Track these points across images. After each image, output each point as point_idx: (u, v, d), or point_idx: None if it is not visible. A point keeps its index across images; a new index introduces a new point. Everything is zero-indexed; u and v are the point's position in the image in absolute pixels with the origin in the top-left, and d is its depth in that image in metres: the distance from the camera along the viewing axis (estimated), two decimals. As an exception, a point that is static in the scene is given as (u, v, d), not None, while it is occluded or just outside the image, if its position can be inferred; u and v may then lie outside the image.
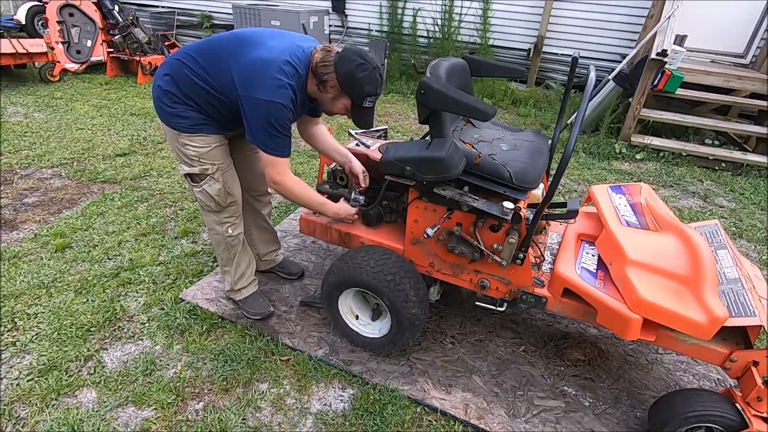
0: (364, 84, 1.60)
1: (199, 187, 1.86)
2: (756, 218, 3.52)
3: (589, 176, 4.06)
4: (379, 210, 2.03)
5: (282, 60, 1.58)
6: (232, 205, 1.95)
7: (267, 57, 1.58)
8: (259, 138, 1.64)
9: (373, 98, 1.66)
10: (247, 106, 1.60)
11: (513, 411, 1.80)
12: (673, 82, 4.38)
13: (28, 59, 5.48)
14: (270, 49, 1.61)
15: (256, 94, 1.56)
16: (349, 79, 1.59)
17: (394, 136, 4.67)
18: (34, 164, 3.57)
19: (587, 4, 5.64)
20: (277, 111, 1.58)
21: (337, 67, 1.60)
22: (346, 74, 1.59)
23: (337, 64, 1.60)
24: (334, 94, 1.67)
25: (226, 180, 1.87)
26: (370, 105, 1.67)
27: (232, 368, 1.91)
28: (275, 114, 1.59)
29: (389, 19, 6.60)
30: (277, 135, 1.63)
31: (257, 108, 1.58)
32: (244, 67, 1.58)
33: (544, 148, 1.91)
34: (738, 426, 1.46)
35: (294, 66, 1.61)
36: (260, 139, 1.64)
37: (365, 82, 1.60)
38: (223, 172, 1.86)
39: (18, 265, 2.44)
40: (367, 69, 1.59)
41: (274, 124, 1.60)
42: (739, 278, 1.56)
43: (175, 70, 1.68)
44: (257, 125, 1.61)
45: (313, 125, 2.02)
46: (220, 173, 1.85)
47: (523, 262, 1.66)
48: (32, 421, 1.65)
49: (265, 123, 1.60)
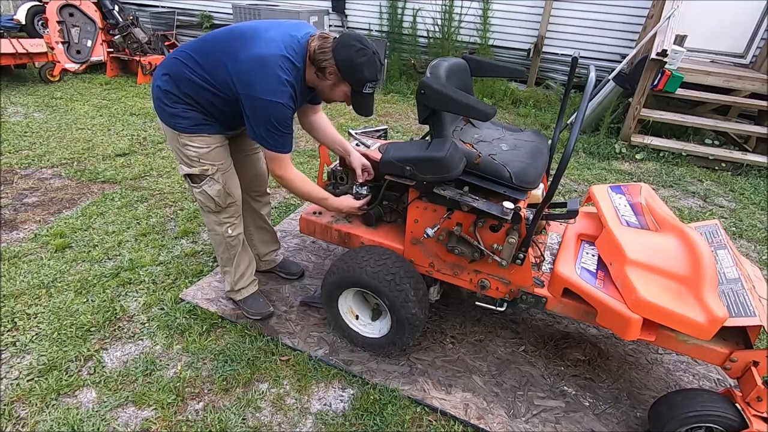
0: (364, 69, 1.57)
1: (199, 188, 1.85)
2: (756, 218, 3.52)
3: (589, 176, 4.06)
4: (379, 210, 2.03)
5: (278, 55, 1.56)
6: (231, 206, 1.95)
7: (263, 54, 1.56)
8: (261, 136, 1.64)
9: (373, 84, 1.64)
10: (248, 105, 1.60)
11: (513, 411, 1.80)
12: (673, 82, 4.38)
13: (28, 59, 5.47)
14: (265, 44, 1.58)
15: (255, 93, 1.55)
16: (349, 64, 1.57)
17: (394, 136, 4.67)
18: (34, 164, 3.57)
19: (587, 4, 5.64)
20: (277, 110, 1.58)
21: (335, 53, 1.57)
22: (346, 60, 1.56)
23: (336, 50, 1.57)
24: (334, 81, 1.64)
25: (226, 181, 1.87)
26: (370, 91, 1.65)
27: (232, 368, 1.91)
28: (276, 113, 1.58)
29: (389, 19, 6.59)
30: (279, 133, 1.63)
31: (258, 107, 1.58)
32: (242, 66, 1.57)
33: (544, 148, 1.91)
34: (738, 426, 1.46)
35: (291, 60, 1.59)
36: (262, 136, 1.64)
37: (365, 67, 1.57)
38: (223, 172, 1.86)
39: (18, 265, 2.44)
40: (366, 54, 1.56)
41: (275, 123, 1.60)
42: (739, 278, 1.56)
43: (174, 69, 1.68)
44: (258, 124, 1.61)
45: (313, 113, 2.00)
46: (220, 174, 1.85)
47: (523, 262, 1.66)
48: (32, 421, 1.65)
49: (266, 122, 1.60)
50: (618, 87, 4.74)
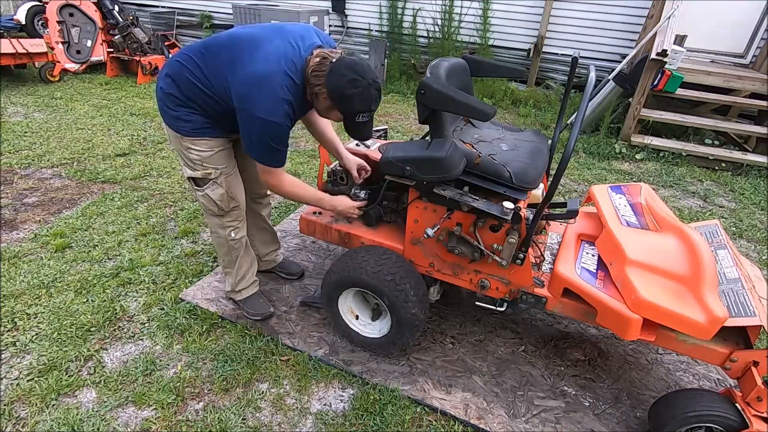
0: (355, 101, 1.52)
1: (202, 191, 1.84)
2: (756, 218, 3.52)
3: (589, 176, 4.06)
4: (379, 210, 2.03)
5: (278, 72, 1.52)
6: (235, 210, 1.94)
7: (261, 71, 1.51)
8: (255, 152, 1.63)
9: (367, 114, 1.58)
10: (244, 121, 1.57)
11: (513, 411, 1.80)
12: (673, 82, 4.38)
13: (28, 59, 5.48)
14: (264, 59, 1.53)
15: (252, 110, 1.52)
16: (340, 95, 1.52)
17: (394, 136, 4.67)
18: (34, 164, 3.57)
19: (587, 4, 5.64)
20: (273, 129, 1.55)
21: (328, 79, 1.52)
22: (337, 89, 1.51)
23: (328, 77, 1.52)
24: (327, 105, 1.61)
25: (229, 185, 1.86)
26: (365, 119, 1.60)
27: (232, 368, 1.91)
28: (271, 132, 1.56)
29: (389, 19, 6.59)
30: (273, 150, 1.61)
31: (254, 124, 1.55)
32: (240, 81, 1.53)
33: (544, 148, 1.91)
34: (738, 426, 1.46)
35: (290, 77, 1.54)
36: (256, 152, 1.63)
37: (357, 99, 1.52)
38: (227, 176, 1.85)
39: (18, 265, 2.44)
40: (360, 86, 1.50)
41: (270, 141, 1.58)
42: (739, 278, 1.56)
43: (176, 72, 1.67)
44: (253, 140, 1.59)
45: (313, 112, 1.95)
46: (224, 177, 1.84)
47: (523, 262, 1.66)
48: (32, 421, 1.65)
49: (261, 139, 1.58)
50: (618, 87, 4.74)
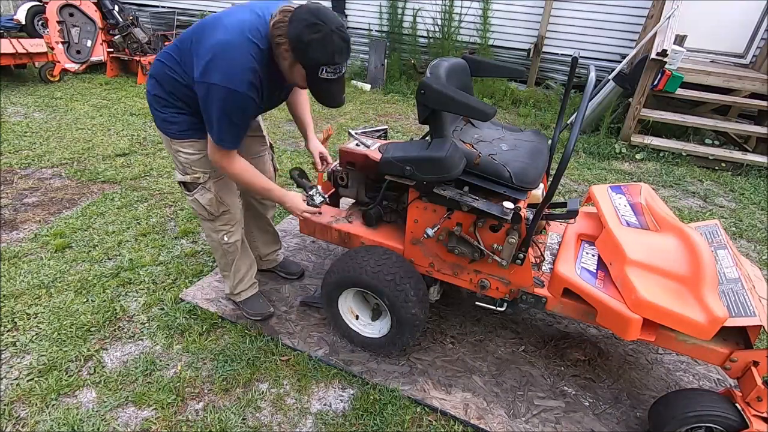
0: (315, 49, 1.35)
1: (191, 196, 1.83)
2: (756, 218, 3.52)
3: (589, 176, 4.06)
4: (379, 210, 2.03)
5: (241, 39, 1.41)
6: (225, 214, 1.90)
7: (223, 40, 1.42)
8: (213, 127, 1.51)
9: (332, 68, 1.41)
10: (203, 94, 1.46)
11: (513, 411, 1.80)
12: (673, 82, 4.38)
13: (28, 59, 5.47)
14: (224, 29, 1.43)
15: (212, 80, 1.41)
16: (298, 42, 1.36)
17: (394, 136, 4.67)
18: (34, 164, 3.57)
19: (587, 4, 5.64)
20: (234, 99, 1.43)
21: (288, 29, 1.37)
22: (295, 37, 1.36)
23: (289, 26, 1.37)
24: (289, 61, 1.44)
25: (218, 189, 1.83)
26: (330, 76, 1.43)
27: (232, 368, 1.91)
28: (233, 102, 1.44)
29: (389, 19, 6.59)
30: (229, 122, 1.49)
31: (213, 95, 1.44)
32: (202, 54, 1.44)
33: (544, 148, 1.91)
34: (738, 426, 1.46)
35: (255, 43, 1.43)
36: (213, 128, 1.51)
37: (316, 46, 1.34)
38: (216, 180, 1.81)
39: (18, 265, 2.44)
40: (320, 30, 1.33)
41: (229, 113, 1.46)
42: (739, 278, 1.56)
43: (158, 71, 1.64)
44: (212, 114, 1.48)
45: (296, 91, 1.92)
46: (213, 182, 1.81)
47: (523, 262, 1.66)
48: (32, 421, 1.65)
49: (220, 112, 1.46)
50: (618, 87, 4.74)
